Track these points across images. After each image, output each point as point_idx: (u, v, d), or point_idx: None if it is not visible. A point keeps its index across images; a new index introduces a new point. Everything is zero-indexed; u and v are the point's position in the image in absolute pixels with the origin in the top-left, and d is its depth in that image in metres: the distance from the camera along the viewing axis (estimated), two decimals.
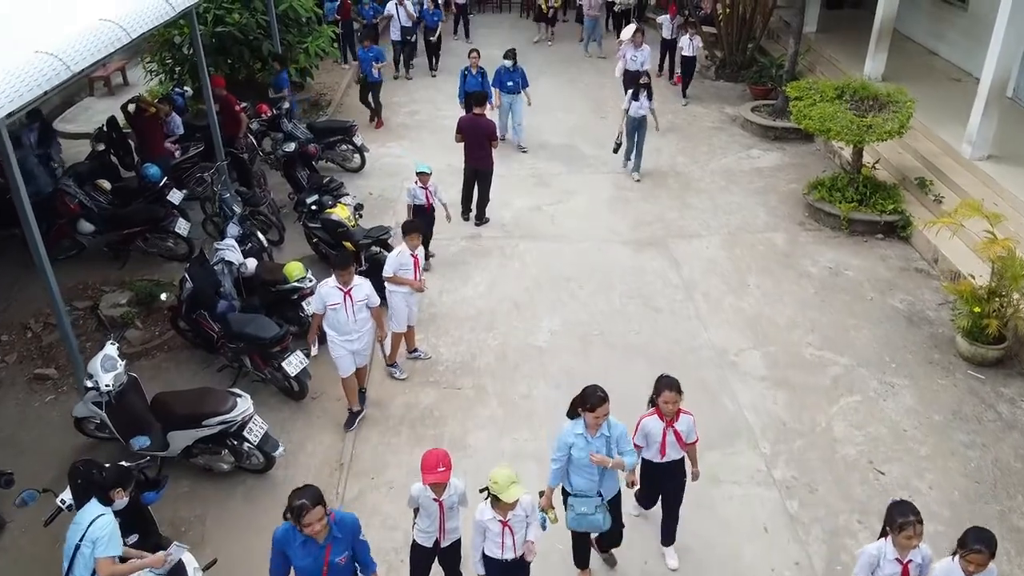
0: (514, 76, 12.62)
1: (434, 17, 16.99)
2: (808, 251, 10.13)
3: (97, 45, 6.36)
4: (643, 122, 11.72)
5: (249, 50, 13.58)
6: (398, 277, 7.56)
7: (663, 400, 5.41)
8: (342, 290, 6.75)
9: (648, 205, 11.47)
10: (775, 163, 12.75)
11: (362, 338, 7.01)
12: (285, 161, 10.75)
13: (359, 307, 6.85)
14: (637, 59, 13.31)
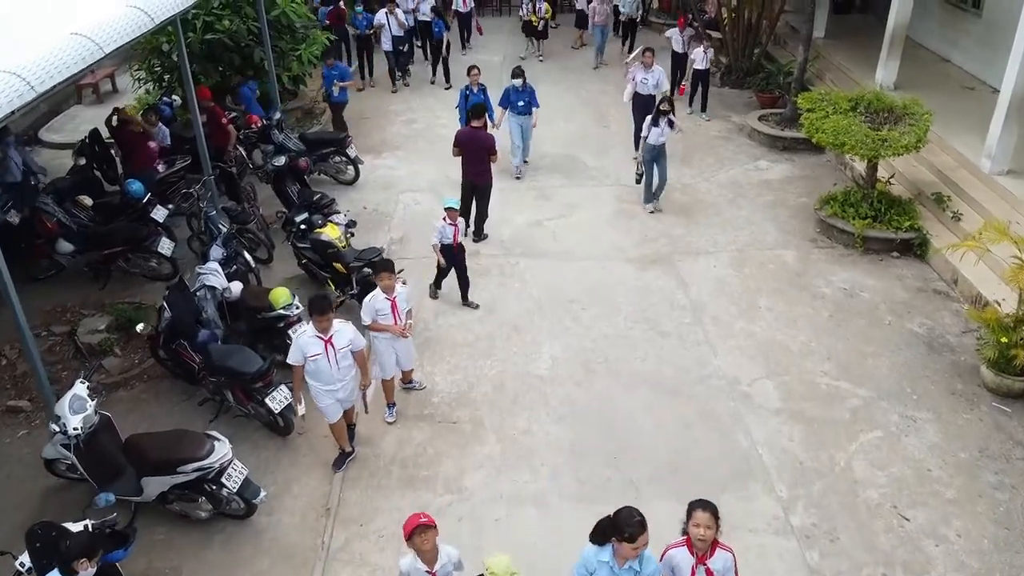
0: (523, 96, 11.72)
1: (436, 28, 16.22)
2: (821, 270, 9.68)
3: (66, 62, 5.92)
4: (663, 150, 10.80)
5: (240, 57, 13.15)
6: (377, 324, 6.94)
7: (694, 524, 4.41)
8: (322, 339, 6.20)
9: (653, 220, 11.03)
10: (784, 175, 12.31)
11: (347, 386, 6.51)
12: (275, 176, 10.31)
13: (343, 354, 6.32)
14: (648, 82, 12.07)
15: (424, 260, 10.04)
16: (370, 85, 16.33)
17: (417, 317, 8.81)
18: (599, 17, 17.03)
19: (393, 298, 6.87)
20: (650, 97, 11.88)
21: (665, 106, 10.56)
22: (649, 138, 10.60)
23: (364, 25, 15.88)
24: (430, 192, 11.87)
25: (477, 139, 9.88)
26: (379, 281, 6.83)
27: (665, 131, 10.56)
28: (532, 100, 11.82)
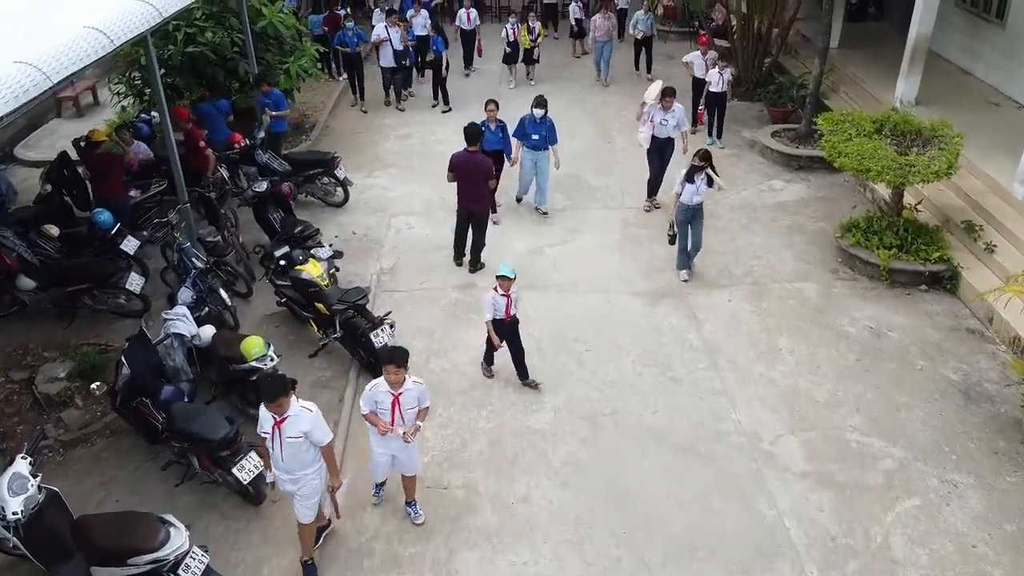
0: (541, 128, 10.38)
1: (435, 45, 14.88)
2: (845, 306, 8.97)
3: (6, 95, 5.22)
4: (700, 211, 9.20)
5: (224, 71, 12.45)
6: (372, 417, 5.74)
7: None
8: (274, 419, 5.22)
9: (661, 247, 10.30)
10: (800, 196, 11.59)
11: (302, 481, 5.39)
12: (256, 202, 9.60)
13: (292, 445, 5.20)
14: (668, 123, 10.60)
15: (417, 294, 9.37)
16: (361, 110, 15.09)
17: None
18: (600, 32, 15.83)
19: (398, 394, 5.64)
20: (667, 140, 10.77)
21: (700, 159, 8.88)
22: (682, 196, 9.00)
23: (354, 43, 14.76)
24: (424, 216, 11.17)
25: (473, 163, 9.17)
26: (385, 374, 5.58)
27: (701, 189, 8.95)
28: (550, 135, 10.51)
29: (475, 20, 16.42)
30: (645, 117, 10.80)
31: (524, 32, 15.64)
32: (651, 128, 10.72)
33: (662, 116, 10.56)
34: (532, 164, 10.61)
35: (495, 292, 7.20)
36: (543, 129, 10.40)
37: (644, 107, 10.85)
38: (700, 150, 9.04)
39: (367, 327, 7.34)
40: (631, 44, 17.19)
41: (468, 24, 16.46)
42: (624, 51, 17.32)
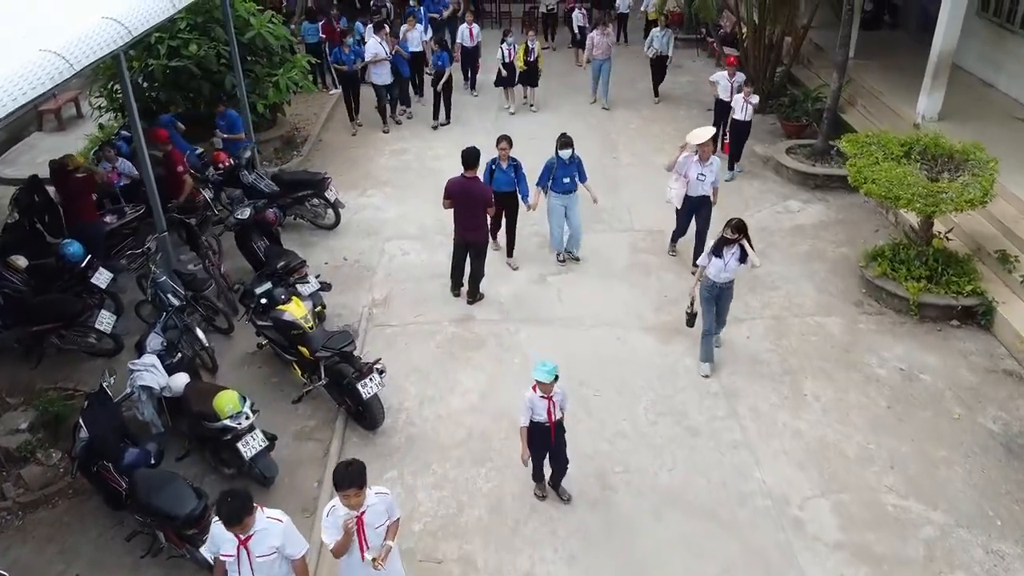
0: (571, 170, 9.27)
1: (439, 61, 13.77)
2: (872, 344, 8.32)
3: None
4: (728, 289, 7.69)
5: (210, 85, 11.83)
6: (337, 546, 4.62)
7: None
8: (237, 537, 4.48)
9: (673, 275, 9.68)
10: (818, 219, 10.94)
11: None
12: (238, 230, 8.95)
13: (262, 564, 4.49)
14: (705, 179, 9.02)
15: (411, 328, 8.73)
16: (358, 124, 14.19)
17: (399, 403, 7.51)
18: (599, 50, 14.50)
19: (361, 514, 4.62)
20: (703, 199, 9.25)
21: (733, 231, 7.29)
22: (709, 271, 7.44)
23: (352, 61, 13.67)
24: (420, 240, 10.52)
25: (471, 191, 8.53)
26: (342, 499, 4.54)
27: (732, 265, 7.36)
28: (581, 173, 9.42)
29: (478, 36, 15.24)
30: (679, 170, 9.15)
31: (521, 53, 14.18)
32: (684, 185, 9.17)
33: (699, 170, 8.97)
34: (561, 208, 9.42)
35: (534, 392, 5.89)
36: (573, 170, 9.31)
37: (682, 152, 9.06)
38: (733, 220, 7.40)
39: (354, 376, 6.70)
40: (635, 57, 16.59)
41: (470, 41, 15.24)
42: (623, 63, 16.59)
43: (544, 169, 9.36)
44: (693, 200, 9.26)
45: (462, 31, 15.31)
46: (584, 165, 9.52)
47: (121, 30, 6.86)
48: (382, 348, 8.36)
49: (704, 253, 7.60)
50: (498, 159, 9.16)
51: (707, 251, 7.54)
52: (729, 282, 7.62)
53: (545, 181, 9.35)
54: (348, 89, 13.98)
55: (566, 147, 9.18)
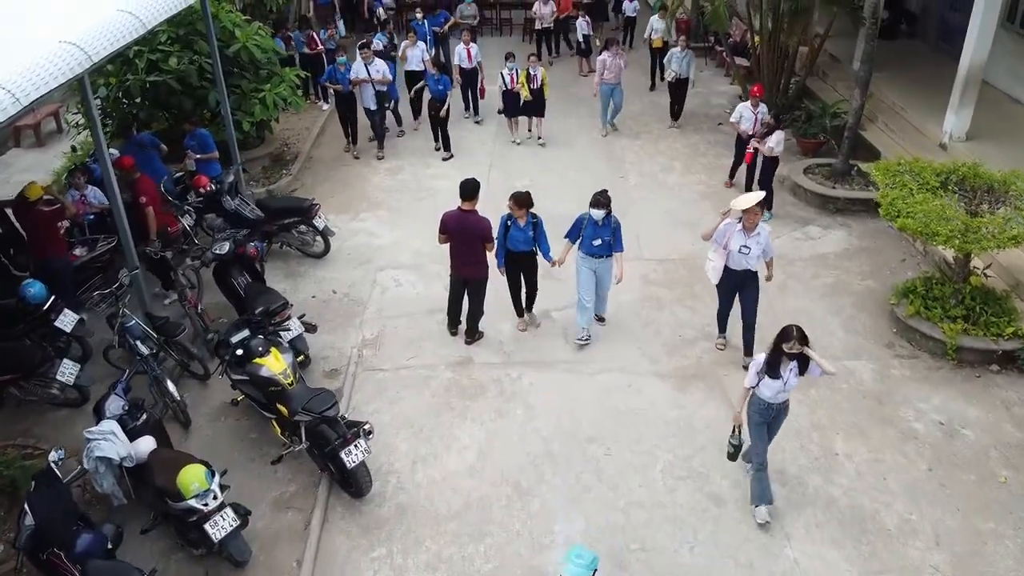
0: (603, 232, 7.83)
1: (439, 86, 12.54)
2: (907, 393, 7.63)
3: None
4: (786, 409, 6.22)
5: (193, 101, 11.14)
6: None
7: None
8: None
9: (686, 310, 8.99)
10: (841, 247, 10.24)
11: None
12: (217, 267, 8.25)
13: None
14: (750, 252, 7.41)
15: (404, 373, 8.03)
16: (354, 156, 13.06)
17: (389, 463, 6.81)
18: (610, 74, 13.07)
19: None
20: (748, 274, 7.63)
21: (795, 342, 5.67)
22: (762, 391, 5.96)
23: (347, 80, 12.52)
24: (415, 270, 9.82)
25: (468, 225, 7.83)
26: None
27: (792, 383, 5.94)
28: (616, 240, 7.97)
29: (476, 56, 13.68)
30: (718, 240, 7.52)
31: (523, 79, 12.73)
32: (724, 256, 7.57)
33: (743, 241, 7.36)
34: (590, 274, 8.09)
35: None
36: (606, 233, 7.86)
37: (724, 219, 7.50)
38: (793, 331, 5.69)
39: (337, 443, 5.99)
40: (641, 58, 15.92)
41: (469, 62, 13.71)
42: (628, 70, 15.92)
43: (574, 224, 7.99)
44: (735, 276, 7.60)
45: (459, 52, 13.79)
46: (622, 233, 8.01)
47: (80, 55, 6.15)
48: (371, 396, 7.67)
49: (753, 371, 5.89)
50: (512, 216, 7.91)
51: (758, 368, 5.86)
52: (784, 404, 6.13)
53: (574, 238, 8.01)
54: (343, 111, 12.99)
55: (600, 207, 7.70)
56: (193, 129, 10.26)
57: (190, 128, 10.29)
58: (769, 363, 5.84)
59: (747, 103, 11.11)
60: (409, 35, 13.83)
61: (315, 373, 7.97)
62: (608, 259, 8.05)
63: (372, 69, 12.30)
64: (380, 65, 12.46)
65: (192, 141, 10.20)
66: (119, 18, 7.00)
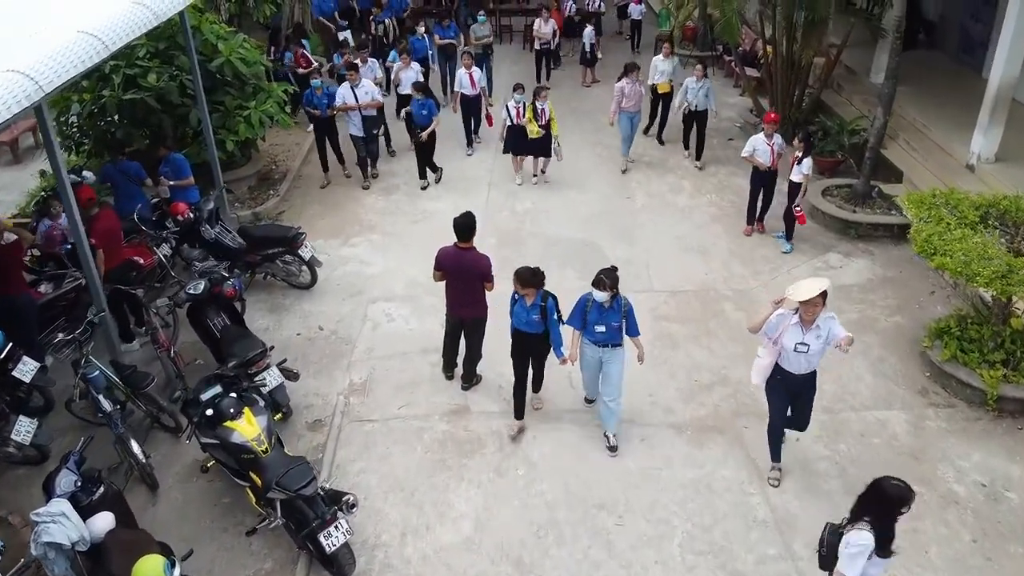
0: (610, 317, 6.52)
1: (423, 111, 11.39)
2: (945, 449, 6.97)
3: None
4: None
5: (173, 119, 10.48)
6: None
7: None
8: None
9: (701, 349, 8.32)
10: (864, 278, 9.57)
11: None
12: (191, 307, 7.59)
13: None
14: (809, 350, 6.01)
15: (394, 424, 7.38)
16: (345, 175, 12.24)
17: (376, 535, 6.14)
18: (630, 102, 11.84)
19: None
20: (805, 380, 6.24)
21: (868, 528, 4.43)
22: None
23: (324, 104, 11.42)
24: (408, 302, 9.16)
25: (465, 263, 7.16)
26: None
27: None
28: (629, 324, 6.64)
29: (480, 81, 12.46)
30: (768, 333, 6.03)
31: (530, 115, 11.19)
32: (775, 354, 6.10)
33: (800, 338, 5.92)
34: (595, 362, 6.74)
35: None
36: (613, 318, 6.50)
37: (775, 309, 5.95)
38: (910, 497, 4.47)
39: (315, 523, 5.32)
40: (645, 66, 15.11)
41: (472, 88, 12.40)
42: None
43: (576, 306, 6.64)
44: (791, 380, 6.15)
45: (460, 78, 12.52)
46: (635, 316, 6.68)
47: (31, 85, 5.49)
48: (358, 452, 7.01)
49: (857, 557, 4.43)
50: (521, 295, 6.71)
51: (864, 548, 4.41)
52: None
53: (577, 323, 6.67)
54: (322, 136, 11.77)
55: (604, 287, 6.34)
56: (167, 154, 9.53)
57: (164, 153, 9.55)
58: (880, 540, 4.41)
59: (760, 134, 9.91)
60: (403, 56, 12.78)
61: (297, 425, 7.31)
62: (616, 349, 6.65)
63: (359, 92, 11.30)
64: (368, 87, 11.50)
65: (166, 167, 9.46)
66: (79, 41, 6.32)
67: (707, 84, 12.05)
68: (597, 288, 6.43)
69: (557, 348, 6.80)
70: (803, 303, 5.78)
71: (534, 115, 11.21)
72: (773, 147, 9.80)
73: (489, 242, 10.52)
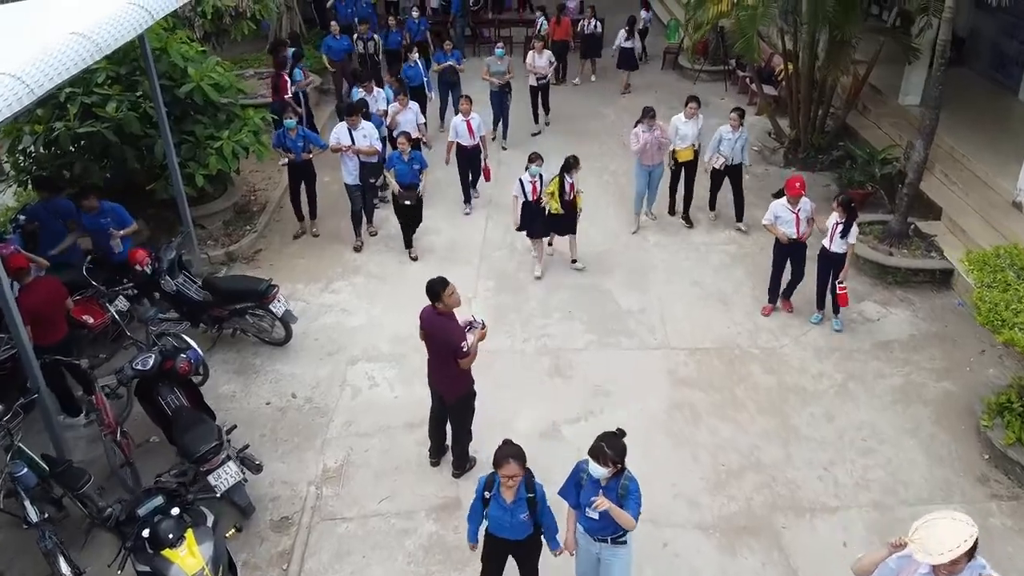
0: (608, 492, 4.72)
1: (415, 165, 9.47)
2: (1013, 553, 5.96)
3: None
4: None
5: (137, 151, 9.47)
6: None
7: None
8: None
9: (727, 424, 7.30)
10: (906, 332, 8.54)
11: None
12: (140, 383, 6.57)
13: None
14: None
15: (373, 523, 6.38)
16: (312, 233, 10.54)
17: None
18: (651, 156, 10.02)
19: None
20: None
21: None
22: None
23: (299, 148, 9.80)
24: (393, 363, 8.14)
25: (435, 330, 6.13)
26: None
27: None
28: (631, 504, 4.71)
29: (479, 130, 10.52)
30: None
31: (553, 189, 9.00)
32: None
33: None
34: (593, 561, 5.08)
35: None
36: (610, 495, 4.69)
37: (893, 552, 4.03)
38: None
39: None
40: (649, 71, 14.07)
41: (470, 138, 10.46)
42: (641, 88, 14.16)
43: (571, 476, 4.93)
44: None
45: (456, 126, 10.41)
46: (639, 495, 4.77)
47: None
48: (329, 561, 6.00)
49: None
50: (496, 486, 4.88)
51: None
52: None
53: (572, 499, 4.94)
54: (296, 183, 10.23)
55: (602, 461, 4.60)
56: (98, 205, 8.18)
57: (93, 207, 8.16)
58: None
59: (781, 200, 8.31)
60: (400, 97, 10.85)
61: (260, 523, 6.28)
62: (618, 547, 4.91)
63: (358, 135, 9.67)
64: (368, 130, 9.75)
65: (106, 219, 8.19)
66: None
67: (744, 135, 10.08)
68: (595, 462, 4.63)
69: (552, 539, 5.07)
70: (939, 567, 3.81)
71: (560, 190, 9.02)
72: (799, 214, 8.26)
73: (486, 285, 9.54)
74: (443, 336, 6.07)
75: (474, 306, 8.91)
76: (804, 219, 8.30)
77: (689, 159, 10.28)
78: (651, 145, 9.93)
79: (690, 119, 10.11)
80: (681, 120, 10.15)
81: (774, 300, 8.83)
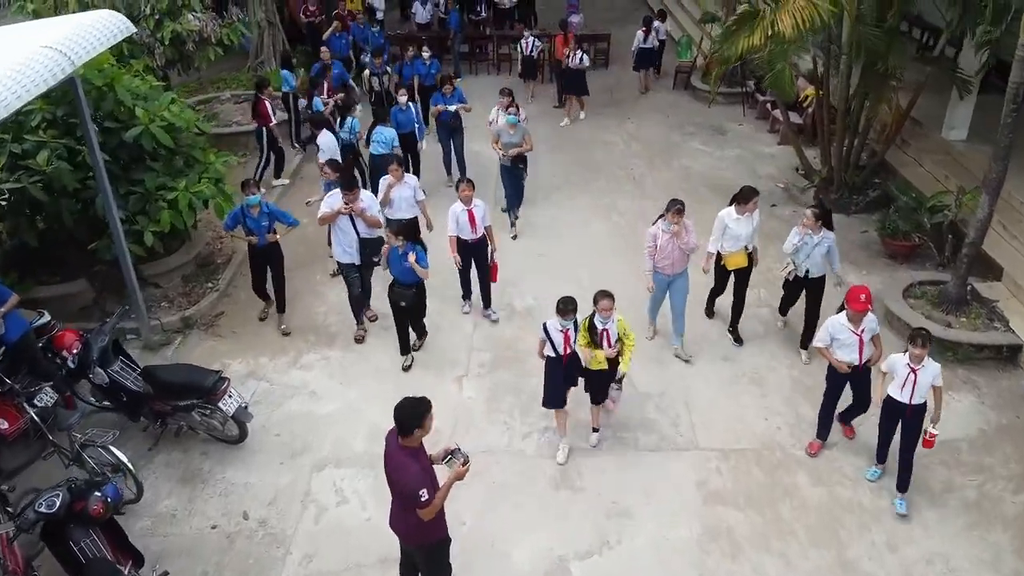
0: None
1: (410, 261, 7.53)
2: None
3: None
4: None
5: (76, 204, 8.20)
6: None
7: None
8: None
9: (773, 558, 6.01)
10: (974, 427, 7.24)
11: None
12: (47, 525, 5.26)
13: None
14: None
15: None
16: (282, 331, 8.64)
17: None
18: (667, 261, 7.68)
19: None
20: None
21: None
22: None
23: (263, 229, 8.20)
24: (367, 470, 6.81)
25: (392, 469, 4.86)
26: None
27: None
28: None
29: (483, 221, 8.37)
30: None
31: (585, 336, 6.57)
32: None
33: None
34: None
35: None
36: None
37: None
38: None
39: None
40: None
41: (472, 231, 8.34)
42: (645, 111, 12.86)
43: None
44: None
45: (456, 215, 8.26)
46: None
47: None
48: None
49: None
50: None
51: None
52: None
53: None
54: (262, 265, 8.54)
55: None
56: None
57: None
58: None
59: (839, 318, 6.43)
60: (393, 169, 8.68)
61: None
62: None
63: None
64: (368, 201, 8.20)
65: None
66: None
67: (830, 240, 7.50)
68: None
69: None
70: None
71: (592, 340, 6.56)
72: (862, 335, 6.39)
73: (480, 358, 8.24)
74: (397, 477, 4.78)
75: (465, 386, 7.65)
76: (868, 340, 6.46)
77: (742, 266, 8.01)
78: (670, 250, 7.63)
79: (744, 216, 7.77)
80: (730, 214, 7.81)
81: (824, 436, 6.96)
